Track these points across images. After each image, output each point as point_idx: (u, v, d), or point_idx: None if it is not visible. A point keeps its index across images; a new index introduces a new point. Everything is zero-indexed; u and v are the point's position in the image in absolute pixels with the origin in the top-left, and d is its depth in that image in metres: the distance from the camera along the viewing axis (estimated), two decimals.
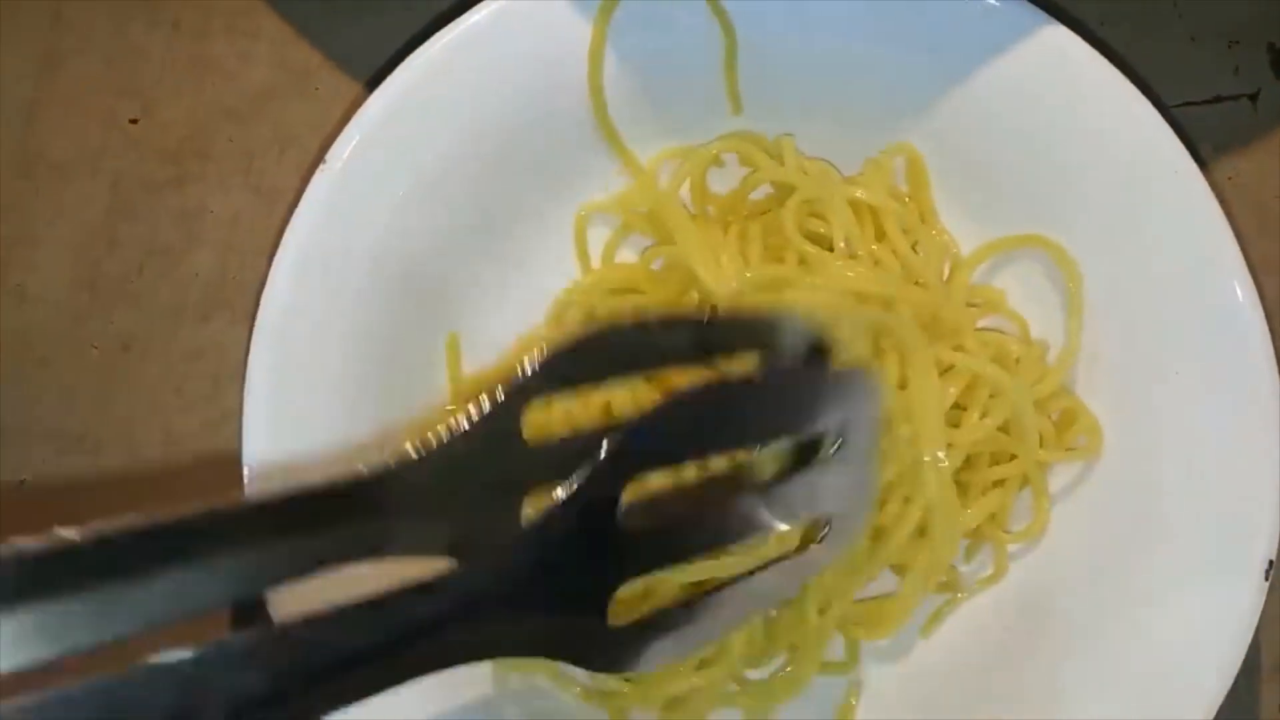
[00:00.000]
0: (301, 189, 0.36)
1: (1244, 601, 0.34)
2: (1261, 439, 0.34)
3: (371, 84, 0.42)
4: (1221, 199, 0.36)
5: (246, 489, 0.34)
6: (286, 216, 0.36)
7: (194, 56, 0.43)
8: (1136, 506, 0.36)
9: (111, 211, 0.42)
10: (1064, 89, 0.37)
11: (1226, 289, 0.35)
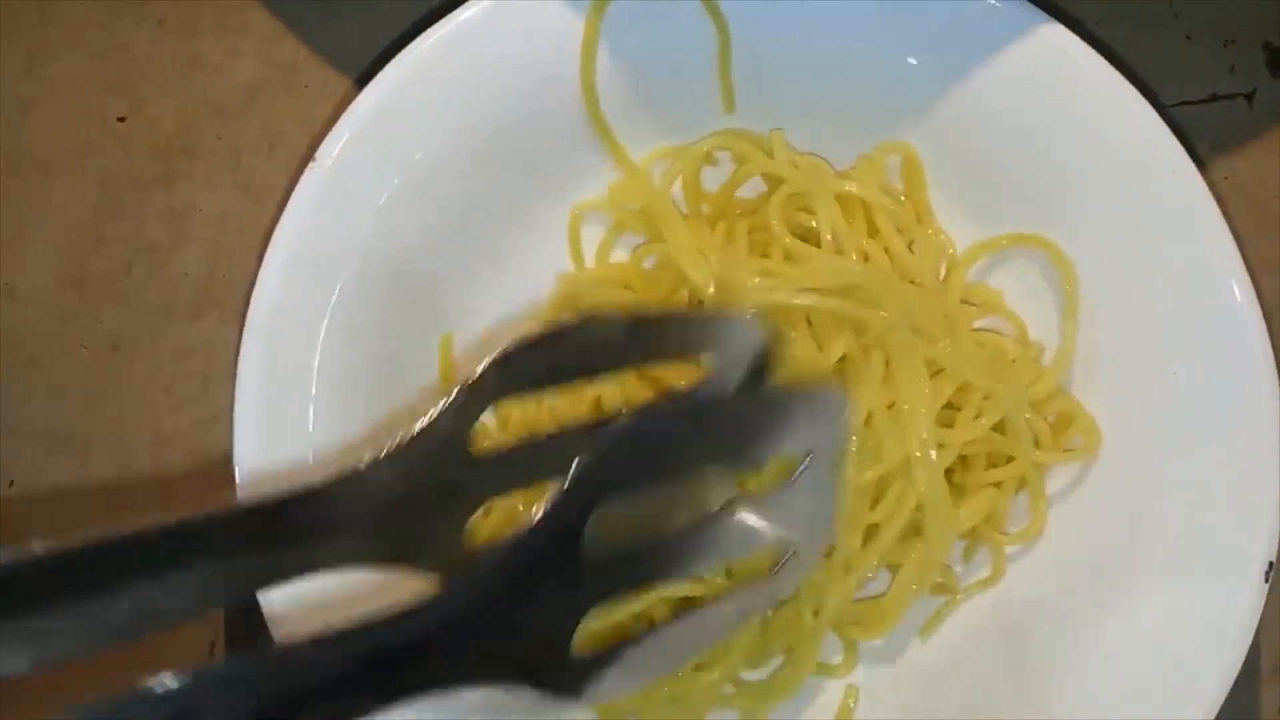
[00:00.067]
0: (291, 187, 0.36)
1: (1244, 603, 0.34)
2: (1260, 439, 0.34)
3: (361, 80, 0.42)
4: (1218, 198, 0.35)
5: (237, 489, 0.34)
6: (276, 214, 0.36)
7: (182, 53, 0.43)
8: (1135, 507, 0.36)
9: (99, 210, 0.42)
10: (1061, 88, 0.36)
11: (1224, 288, 0.35)
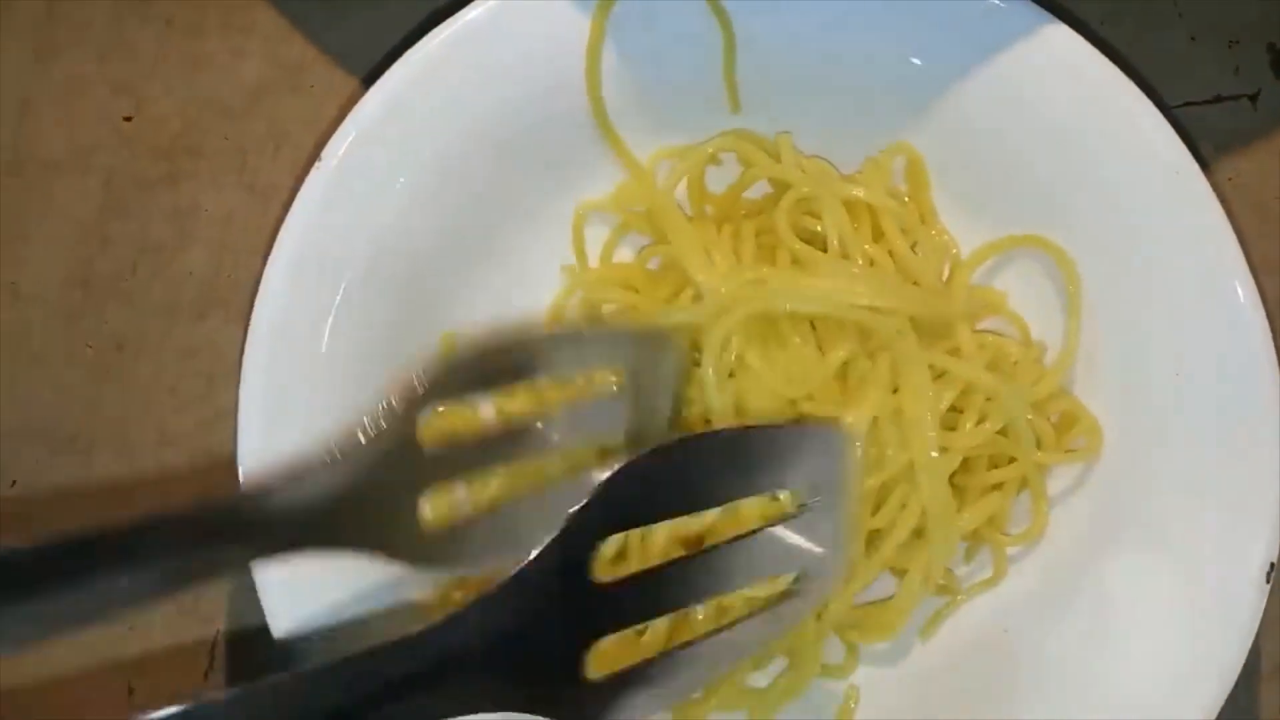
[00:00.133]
0: (296, 187, 0.36)
1: (1244, 604, 0.34)
2: (1262, 440, 0.34)
3: (367, 80, 0.42)
4: (1222, 199, 0.35)
5: (241, 489, 0.34)
6: (281, 215, 0.36)
7: (187, 53, 0.43)
8: (1136, 508, 0.36)
9: (104, 209, 0.42)
10: (1065, 89, 0.36)
11: (1228, 289, 0.35)
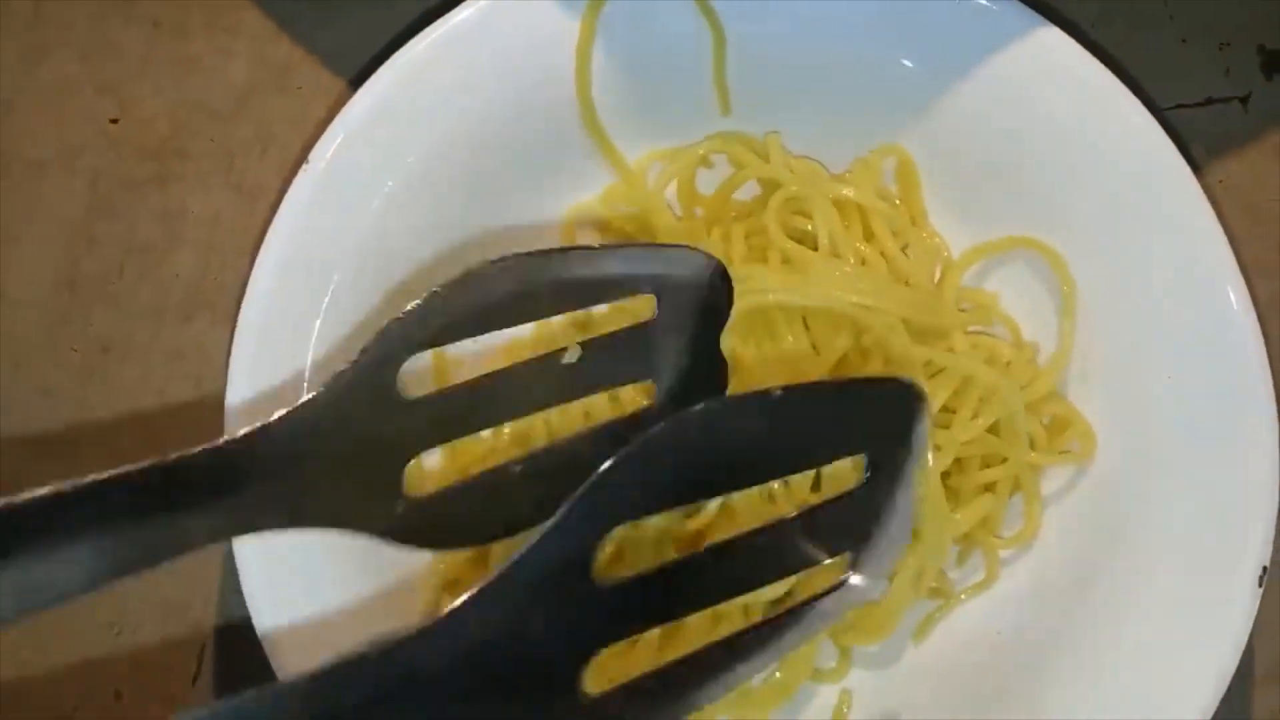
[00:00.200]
0: (283, 188, 0.36)
1: (1238, 607, 0.34)
2: (1255, 442, 0.34)
3: (355, 82, 0.41)
4: (1214, 201, 0.35)
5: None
6: (268, 216, 0.36)
7: (174, 54, 0.43)
8: (1129, 511, 0.36)
9: (91, 211, 0.42)
10: (1056, 91, 0.36)
11: (1220, 292, 0.35)
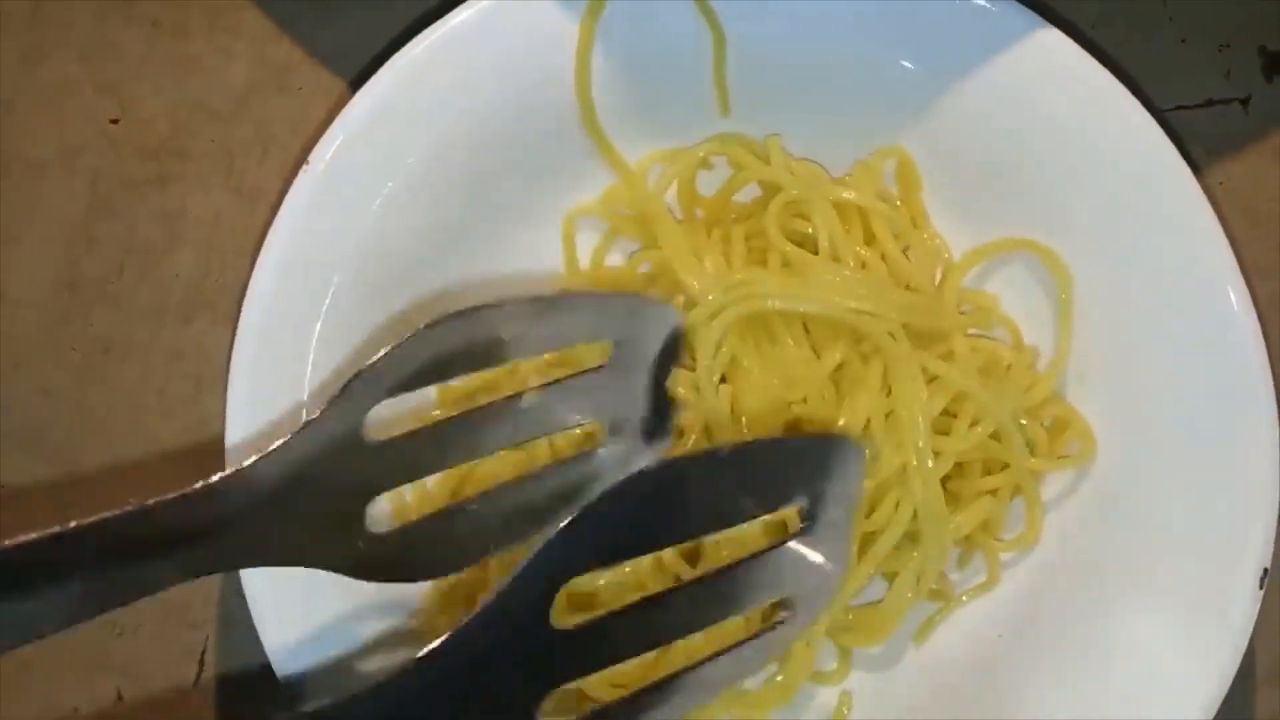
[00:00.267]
0: (283, 189, 0.36)
1: (1238, 608, 0.34)
2: (1255, 444, 0.34)
3: (355, 83, 0.41)
4: (1214, 203, 0.35)
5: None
6: (268, 217, 0.36)
7: (174, 54, 0.43)
8: (1129, 513, 0.36)
9: (91, 211, 0.42)
10: (1056, 92, 0.36)
11: (1220, 293, 0.35)
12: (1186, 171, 0.36)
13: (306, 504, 0.29)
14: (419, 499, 0.35)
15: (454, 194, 0.37)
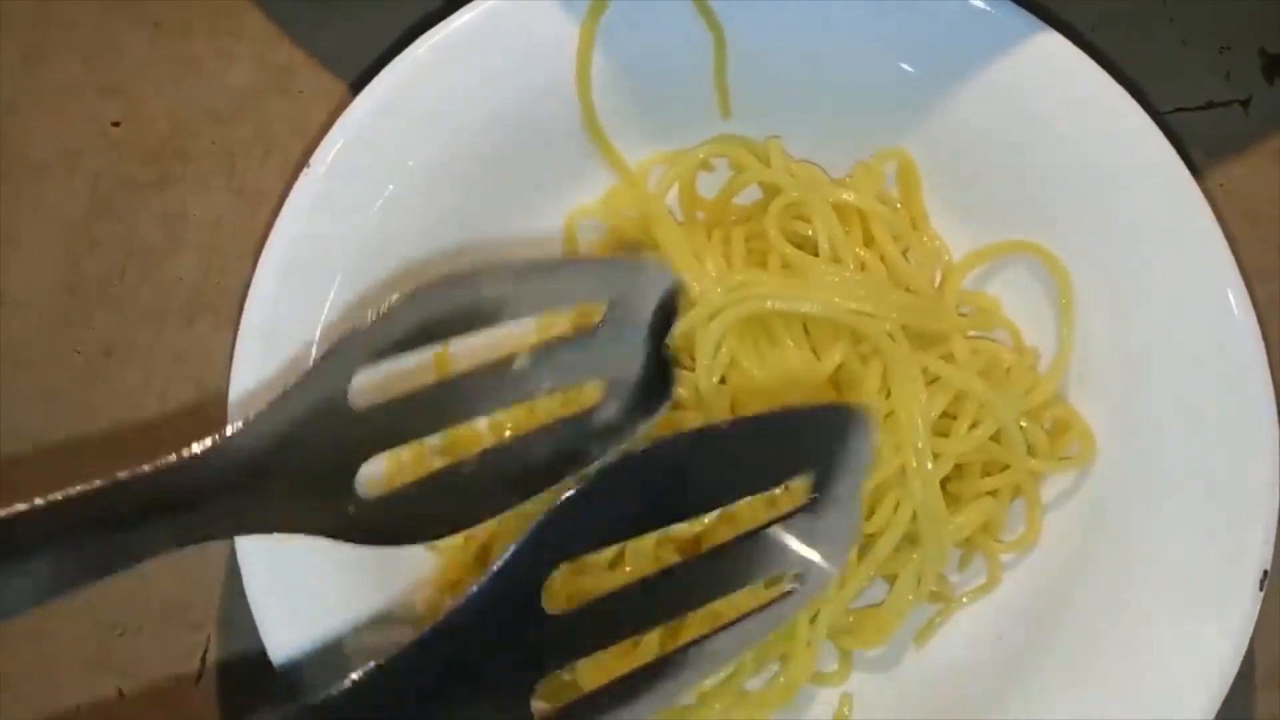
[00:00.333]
0: (285, 192, 0.36)
1: (1239, 611, 0.34)
2: (1255, 445, 0.35)
3: (356, 85, 0.41)
4: (1214, 205, 0.36)
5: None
6: (270, 219, 0.36)
7: (176, 56, 0.43)
8: (1130, 515, 0.36)
9: (92, 213, 0.42)
10: (1056, 95, 0.36)
11: (1220, 295, 0.35)
12: (1186, 174, 0.36)
13: (294, 468, 0.29)
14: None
15: (455, 196, 0.37)
